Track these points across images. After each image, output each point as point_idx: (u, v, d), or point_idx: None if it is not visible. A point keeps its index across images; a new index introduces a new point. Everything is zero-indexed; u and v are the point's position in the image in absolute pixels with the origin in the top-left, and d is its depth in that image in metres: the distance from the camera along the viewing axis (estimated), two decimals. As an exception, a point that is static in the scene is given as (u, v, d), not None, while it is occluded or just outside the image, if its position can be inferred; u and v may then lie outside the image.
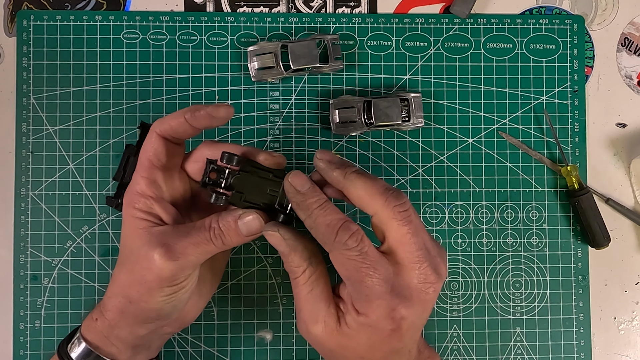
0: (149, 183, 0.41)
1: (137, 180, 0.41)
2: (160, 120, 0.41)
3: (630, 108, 0.56)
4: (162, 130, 0.41)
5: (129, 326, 0.41)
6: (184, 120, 0.40)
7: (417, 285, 0.38)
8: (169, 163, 0.42)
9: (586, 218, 0.53)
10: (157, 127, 0.41)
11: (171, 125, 0.40)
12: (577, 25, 0.55)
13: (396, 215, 0.38)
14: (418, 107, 0.53)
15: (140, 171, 0.41)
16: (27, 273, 0.52)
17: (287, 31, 0.54)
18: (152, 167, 0.41)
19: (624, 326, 0.55)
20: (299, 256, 0.40)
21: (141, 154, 0.41)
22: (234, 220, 0.40)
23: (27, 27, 0.53)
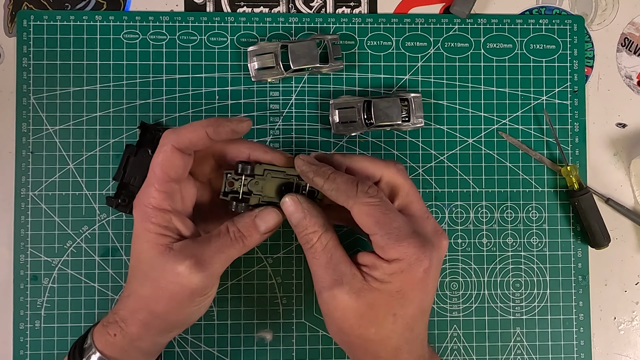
0: (165, 197, 0.40)
1: (152, 193, 0.40)
2: (175, 133, 0.40)
3: (630, 108, 0.56)
4: (178, 143, 0.40)
5: (153, 337, 0.42)
6: (204, 135, 0.40)
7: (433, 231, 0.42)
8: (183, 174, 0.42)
9: (586, 218, 0.53)
10: (172, 140, 0.40)
11: (190, 139, 0.40)
12: (577, 25, 0.55)
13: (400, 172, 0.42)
14: (418, 107, 0.53)
15: (155, 184, 0.40)
16: (27, 273, 0.52)
17: (287, 31, 0.54)
18: (169, 180, 0.40)
19: (624, 326, 0.55)
20: (315, 221, 0.41)
21: (154, 166, 0.41)
22: (251, 220, 0.42)
23: (27, 27, 0.53)
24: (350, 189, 0.40)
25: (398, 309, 0.40)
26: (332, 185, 0.41)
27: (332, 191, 0.41)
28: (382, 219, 0.39)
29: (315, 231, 0.41)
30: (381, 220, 0.39)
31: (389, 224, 0.39)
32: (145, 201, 0.40)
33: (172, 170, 0.40)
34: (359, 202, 0.40)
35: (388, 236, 0.39)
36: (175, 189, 0.41)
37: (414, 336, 0.41)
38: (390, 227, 0.39)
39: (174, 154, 0.40)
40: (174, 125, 0.53)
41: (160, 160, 0.40)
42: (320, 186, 0.41)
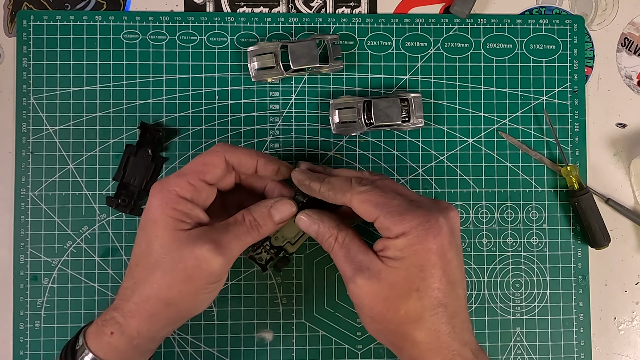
0: (194, 190, 0.42)
1: (182, 183, 0.41)
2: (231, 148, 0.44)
3: (630, 108, 0.56)
4: (230, 157, 0.43)
5: (154, 331, 0.42)
6: (254, 164, 0.44)
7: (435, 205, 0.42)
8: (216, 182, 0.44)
9: (586, 218, 0.53)
10: (227, 151, 0.43)
11: (241, 160, 0.44)
12: (577, 25, 0.55)
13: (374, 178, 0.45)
14: (418, 107, 0.53)
15: (189, 177, 0.42)
16: (27, 273, 0.52)
17: (287, 31, 0.54)
18: (203, 179, 0.42)
19: (624, 326, 0.55)
20: (327, 226, 0.43)
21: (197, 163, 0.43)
22: (267, 210, 0.43)
23: (27, 27, 0.53)
24: (345, 184, 0.43)
25: (420, 283, 0.40)
26: (327, 186, 0.43)
27: (329, 191, 0.43)
28: (380, 200, 0.41)
29: (332, 234, 0.43)
30: (380, 202, 0.41)
31: (387, 204, 0.41)
32: (171, 188, 0.41)
33: (211, 174, 0.43)
34: (356, 193, 0.42)
35: (390, 214, 0.40)
36: (203, 188, 0.43)
37: (450, 314, 0.40)
38: (390, 205, 0.41)
39: (222, 163, 0.43)
40: (174, 126, 0.53)
41: (207, 161, 0.43)
42: (317, 190, 0.44)
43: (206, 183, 0.43)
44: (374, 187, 0.42)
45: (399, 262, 0.40)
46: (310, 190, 0.44)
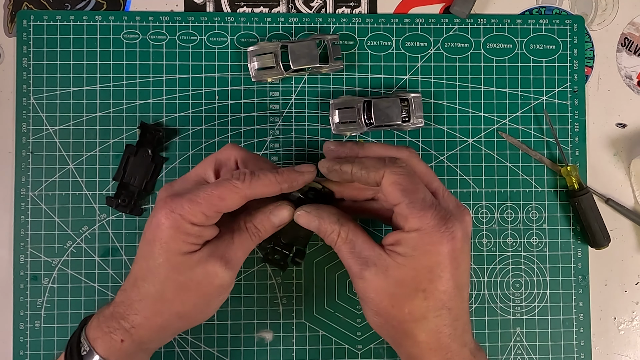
0: (206, 219, 0.40)
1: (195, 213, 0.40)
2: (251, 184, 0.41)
3: (630, 108, 0.56)
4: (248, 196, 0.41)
5: (163, 339, 0.43)
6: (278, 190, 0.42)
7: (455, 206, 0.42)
8: None
9: (586, 218, 0.53)
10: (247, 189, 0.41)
11: (262, 193, 0.42)
12: (577, 25, 0.55)
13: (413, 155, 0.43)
14: (418, 107, 0.53)
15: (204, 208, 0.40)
16: (27, 273, 0.52)
17: (287, 31, 0.54)
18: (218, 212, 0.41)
19: (624, 326, 0.55)
20: (328, 222, 0.42)
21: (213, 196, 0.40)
22: (266, 217, 0.43)
23: (27, 27, 0.53)
24: (379, 163, 0.41)
25: (427, 284, 0.40)
26: (360, 165, 0.42)
27: (362, 170, 0.42)
28: (409, 187, 0.40)
29: (334, 230, 0.42)
30: (408, 189, 0.40)
31: (414, 194, 0.40)
32: (183, 213, 0.40)
33: (226, 208, 0.41)
34: (389, 171, 0.41)
35: (413, 205, 0.40)
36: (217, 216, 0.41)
37: (452, 317, 0.41)
38: (416, 196, 0.40)
39: (241, 200, 0.41)
40: (174, 126, 0.53)
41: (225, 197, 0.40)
42: (349, 172, 0.42)
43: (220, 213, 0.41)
44: (408, 170, 0.41)
45: (409, 259, 0.40)
46: (341, 174, 0.43)
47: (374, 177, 0.41)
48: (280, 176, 0.42)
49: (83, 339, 0.41)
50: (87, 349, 0.41)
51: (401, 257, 0.40)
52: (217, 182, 0.41)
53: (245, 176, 0.41)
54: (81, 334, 0.42)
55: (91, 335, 0.41)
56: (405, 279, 0.40)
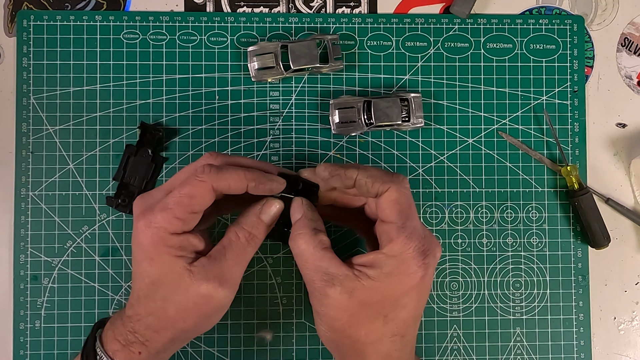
0: (183, 223, 0.40)
1: (169, 219, 0.39)
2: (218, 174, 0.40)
3: (630, 108, 0.56)
4: (218, 185, 0.40)
5: (177, 347, 0.43)
6: (245, 187, 0.41)
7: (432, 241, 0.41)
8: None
9: (586, 218, 0.53)
10: (213, 180, 0.40)
11: (230, 186, 0.41)
12: (577, 25, 0.55)
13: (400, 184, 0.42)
14: (418, 107, 0.53)
15: (176, 212, 0.39)
16: (27, 273, 0.52)
17: (287, 31, 0.54)
18: (191, 212, 0.40)
19: (624, 326, 0.55)
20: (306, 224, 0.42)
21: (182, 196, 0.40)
22: (257, 218, 0.42)
23: (27, 27, 0.53)
24: (386, 175, 0.41)
25: (390, 312, 0.40)
26: (366, 173, 0.41)
27: (368, 178, 0.41)
28: (406, 211, 0.40)
29: (303, 233, 0.41)
30: (405, 212, 0.40)
31: (408, 219, 0.40)
32: (159, 225, 0.39)
33: (199, 206, 0.40)
34: (395, 187, 0.40)
35: (402, 229, 0.40)
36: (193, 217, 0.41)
37: (404, 343, 0.41)
38: (409, 222, 0.40)
39: (209, 193, 0.40)
40: (174, 126, 0.53)
41: (193, 194, 0.40)
42: (353, 177, 0.41)
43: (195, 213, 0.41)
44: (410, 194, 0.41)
45: (378, 284, 0.39)
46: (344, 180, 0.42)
47: (377, 189, 0.41)
48: (249, 174, 0.41)
49: (100, 351, 0.41)
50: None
51: (370, 281, 0.39)
52: (182, 183, 0.40)
53: (209, 169, 0.40)
54: (95, 344, 0.42)
55: (110, 347, 0.41)
56: (370, 303, 0.40)
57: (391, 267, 0.39)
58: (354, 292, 0.39)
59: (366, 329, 0.40)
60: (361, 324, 0.40)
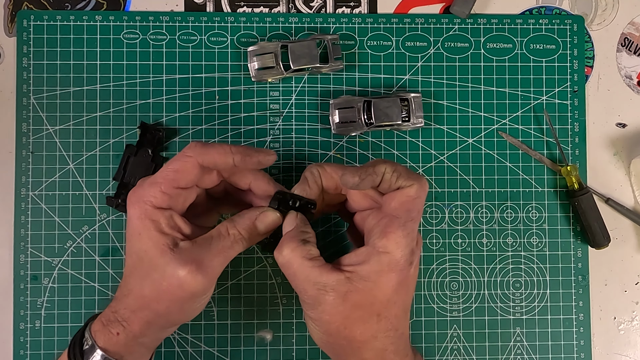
0: (169, 199, 0.41)
1: (156, 193, 0.41)
2: (203, 148, 0.41)
3: (630, 108, 0.56)
4: (203, 160, 0.41)
5: (155, 333, 0.43)
6: (231, 161, 0.42)
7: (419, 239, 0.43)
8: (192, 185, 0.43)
9: (586, 218, 0.53)
10: (198, 154, 0.41)
11: (215, 160, 0.42)
12: (577, 25, 0.55)
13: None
14: (418, 107, 0.53)
15: (162, 185, 0.41)
16: (27, 273, 0.52)
17: (287, 31, 0.54)
18: (177, 187, 0.41)
19: (624, 326, 0.55)
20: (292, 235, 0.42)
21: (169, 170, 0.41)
22: (252, 223, 0.43)
23: (27, 27, 0.53)
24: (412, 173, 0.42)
25: (382, 310, 0.41)
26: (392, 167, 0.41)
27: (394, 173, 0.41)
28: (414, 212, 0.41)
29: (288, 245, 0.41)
30: (412, 213, 0.41)
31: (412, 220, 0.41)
32: (146, 199, 0.41)
33: (185, 181, 0.42)
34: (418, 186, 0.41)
35: (403, 227, 0.40)
36: (179, 194, 0.42)
37: (398, 335, 0.42)
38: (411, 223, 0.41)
39: (195, 168, 0.41)
40: (174, 126, 0.53)
41: (178, 168, 0.41)
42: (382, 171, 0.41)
43: (181, 189, 0.42)
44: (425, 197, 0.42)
45: (370, 284, 0.40)
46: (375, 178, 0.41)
47: (400, 184, 0.41)
48: (234, 147, 0.42)
49: (87, 333, 0.42)
50: (90, 343, 0.41)
51: (363, 282, 0.40)
52: (170, 161, 0.42)
53: (195, 144, 0.42)
54: (85, 329, 0.43)
55: (93, 328, 0.42)
56: (363, 304, 0.40)
57: (381, 264, 0.40)
58: (347, 296, 0.40)
59: (361, 328, 0.41)
60: (355, 325, 0.40)
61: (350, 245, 0.53)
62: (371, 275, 0.40)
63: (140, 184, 0.42)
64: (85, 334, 0.42)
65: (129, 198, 0.42)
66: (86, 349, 0.41)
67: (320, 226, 0.53)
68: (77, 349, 0.42)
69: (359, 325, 0.40)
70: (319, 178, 0.44)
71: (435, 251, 0.54)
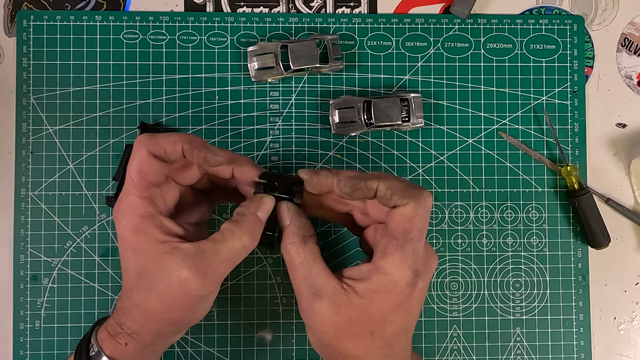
0: (149, 203, 0.40)
1: (134, 201, 0.39)
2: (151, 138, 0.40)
3: (630, 108, 0.56)
4: (154, 149, 0.40)
5: (166, 340, 0.42)
6: (180, 150, 0.40)
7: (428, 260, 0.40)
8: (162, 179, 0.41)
9: (586, 218, 0.53)
10: (147, 145, 0.40)
11: (165, 148, 0.40)
12: (577, 25, 0.55)
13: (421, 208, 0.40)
14: (418, 107, 0.53)
15: (135, 191, 0.39)
16: (27, 273, 0.52)
17: (287, 31, 0.54)
18: (148, 186, 0.40)
19: (624, 326, 0.55)
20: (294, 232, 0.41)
21: (131, 172, 0.40)
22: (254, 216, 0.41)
23: (27, 27, 0.53)
24: (407, 189, 0.39)
25: (377, 328, 0.40)
26: (386, 184, 0.39)
27: (388, 190, 0.39)
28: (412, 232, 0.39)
29: (293, 243, 0.41)
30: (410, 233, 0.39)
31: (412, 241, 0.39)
32: (130, 211, 0.39)
33: (150, 175, 0.40)
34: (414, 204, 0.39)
35: (402, 249, 0.38)
36: (156, 194, 0.41)
37: (394, 353, 0.41)
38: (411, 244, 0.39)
39: (151, 160, 0.40)
40: (174, 126, 0.53)
41: (137, 166, 0.40)
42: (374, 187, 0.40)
43: (154, 187, 0.40)
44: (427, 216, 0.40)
45: (365, 302, 0.39)
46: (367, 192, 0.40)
47: (395, 202, 0.39)
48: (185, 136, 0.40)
49: (93, 340, 0.41)
50: (96, 350, 0.41)
51: (358, 298, 0.39)
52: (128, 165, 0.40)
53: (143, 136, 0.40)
54: (91, 334, 0.42)
55: (99, 337, 0.41)
56: (357, 320, 0.39)
57: (379, 284, 0.39)
58: (340, 309, 0.39)
59: (353, 343, 0.40)
60: (347, 339, 0.40)
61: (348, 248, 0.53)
62: (368, 293, 0.39)
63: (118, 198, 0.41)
64: (91, 340, 0.42)
65: (115, 217, 0.41)
66: (92, 355, 0.41)
67: (320, 226, 0.53)
68: (84, 356, 0.41)
69: (351, 339, 0.40)
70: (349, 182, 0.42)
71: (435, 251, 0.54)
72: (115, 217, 0.41)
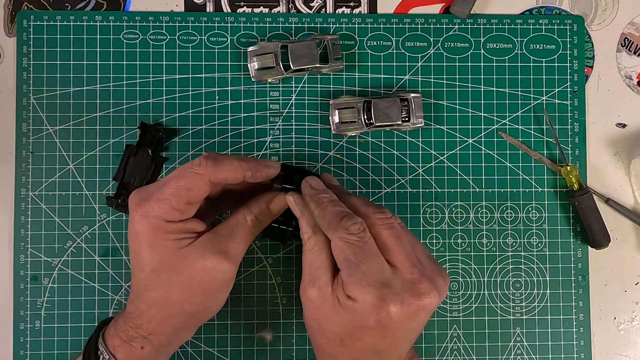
0: (180, 214, 0.41)
1: (167, 210, 0.40)
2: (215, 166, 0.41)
3: (630, 108, 0.56)
4: (215, 177, 0.41)
5: (182, 338, 0.43)
6: (242, 177, 0.42)
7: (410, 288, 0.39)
8: None
9: (586, 218, 0.53)
10: (211, 172, 0.41)
11: (227, 177, 0.41)
12: (577, 25, 0.55)
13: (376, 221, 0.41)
14: (418, 107, 0.53)
15: (172, 201, 0.40)
16: (27, 273, 0.52)
17: (287, 31, 0.54)
18: (188, 204, 0.41)
19: (624, 326, 0.55)
20: (306, 222, 0.42)
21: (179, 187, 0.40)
22: (266, 207, 0.44)
23: (27, 27, 0.53)
24: (333, 221, 0.40)
25: (346, 337, 0.40)
26: (321, 212, 0.41)
27: (319, 218, 0.41)
28: (351, 258, 0.39)
29: (305, 232, 0.42)
30: (349, 260, 0.39)
31: (355, 266, 0.39)
32: (156, 214, 0.40)
33: (196, 197, 0.41)
34: (336, 236, 0.40)
35: (351, 277, 0.39)
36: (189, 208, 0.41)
37: None
38: (357, 269, 0.39)
39: (206, 185, 0.41)
40: (174, 126, 0.53)
41: (190, 186, 0.40)
42: (313, 210, 0.42)
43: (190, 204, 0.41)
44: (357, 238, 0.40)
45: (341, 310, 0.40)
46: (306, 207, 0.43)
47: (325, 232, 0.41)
48: (245, 163, 0.42)
49: (102, 347, 0.41)
50: (107, 357, 0.41)
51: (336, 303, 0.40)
52: (177, 175, 0.41)
53: (205, 161, 0.41)
54: (98, 340, 0.42)
55: (111, 343, 0.41)
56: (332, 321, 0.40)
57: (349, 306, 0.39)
58: (324, 303, 0.40)
59: (326, 340, 0.41)
60: (323, 335, 0.41)
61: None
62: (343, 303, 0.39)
63: (145, 196, 0.41)
64: (99, 346, 0.41)
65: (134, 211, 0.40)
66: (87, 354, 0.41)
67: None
68: None
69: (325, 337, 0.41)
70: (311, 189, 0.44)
71: (435, 251, 0.54)
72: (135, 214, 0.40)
